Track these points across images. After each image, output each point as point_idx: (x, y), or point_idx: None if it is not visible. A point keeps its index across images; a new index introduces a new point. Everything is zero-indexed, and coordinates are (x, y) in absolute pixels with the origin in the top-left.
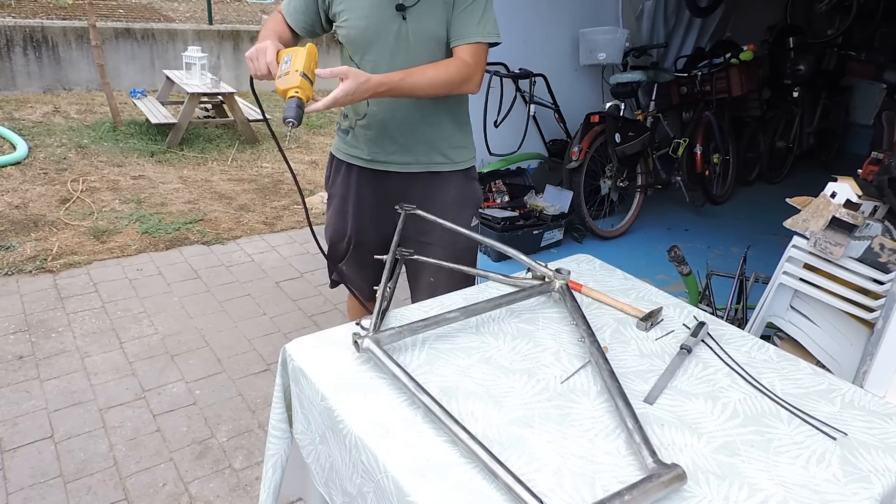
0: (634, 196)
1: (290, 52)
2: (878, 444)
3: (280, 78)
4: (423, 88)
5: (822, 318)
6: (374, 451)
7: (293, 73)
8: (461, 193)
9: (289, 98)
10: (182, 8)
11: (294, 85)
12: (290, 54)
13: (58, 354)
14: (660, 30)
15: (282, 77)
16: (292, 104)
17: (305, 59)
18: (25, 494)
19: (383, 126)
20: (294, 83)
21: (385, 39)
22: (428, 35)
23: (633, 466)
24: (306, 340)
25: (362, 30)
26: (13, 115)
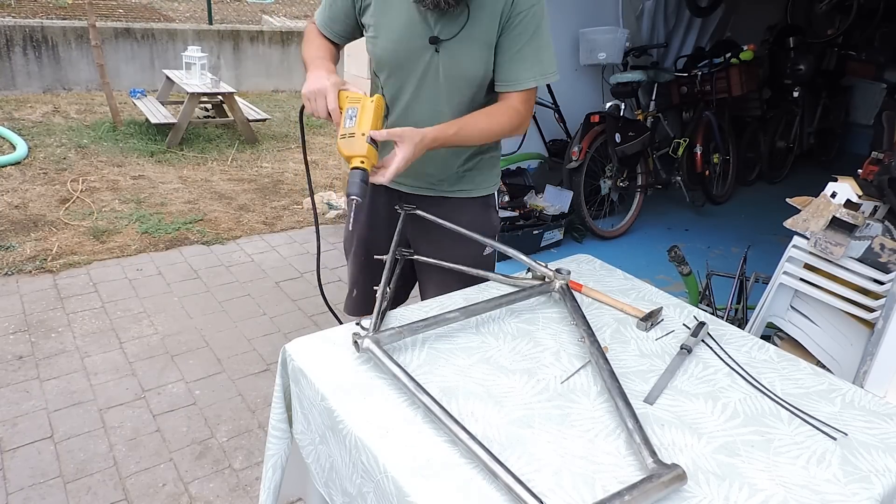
0: (634, 196)
1: (356, 103)
2: (879, 444)
3: (344, 139)
4: (474, 140)
5: (823, 319)
6: (374, 452)
7: (359, 138)
8: (475, 220)
9: (353, 169)
10: (182, 8)
11: (360, 154)
12: (355, 106)
13: (57, 354)
14: (660, 29)
15: (346, 139)
16: (357, 178)
17: (373, 118)
18: (25, 494)
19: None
20: (360, 152)
21: (413, 68)
22: (460, 73)
23: (633, 467)
24: (306, 340)
25: (390, 52)
26: (13, 114)
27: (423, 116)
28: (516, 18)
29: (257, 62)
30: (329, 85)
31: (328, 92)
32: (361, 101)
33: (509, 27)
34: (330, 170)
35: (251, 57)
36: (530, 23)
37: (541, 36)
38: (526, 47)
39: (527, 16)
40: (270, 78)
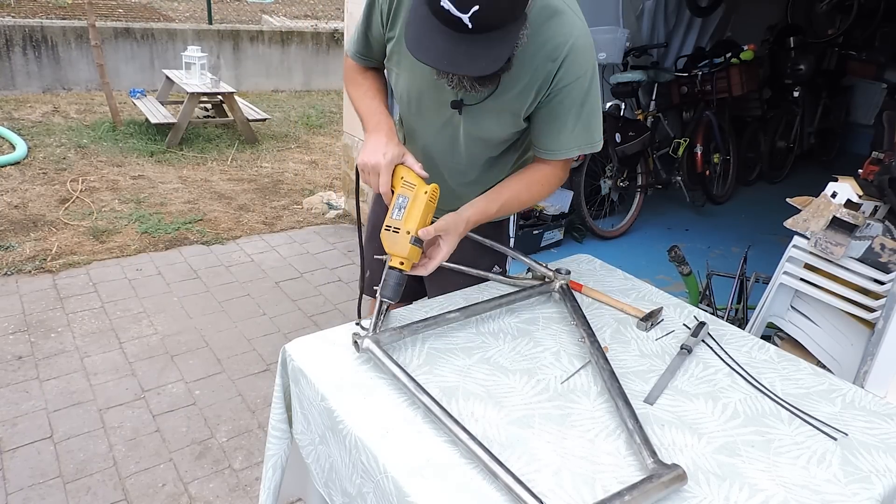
0: (635, 196)
1: (409, 191)
2: (879, 444)
3: (388, 232)
4: (514, 212)
5: (823, 319)
6: (374, 452)
7: (403, 236)
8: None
9: (389, 268)
10: (181, 7)
11: (401, 255)
12: (407, 195)
13: (57, 355)
14: (660, 29)
15: (390, 232)
16: (392, 280)
17: (422, 215)
18: (25, 495)
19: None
20: (402, 252)
21: (432, 119)
22: (481, 135)
23: (633, 467)
24: (306, 340)
25: (411, 98)
26: (12, 114)
27: (442, 160)
28: (561, 92)
29: (257, 62)
30: (384, 165)
31: (382, 172)
32: (415, 189)
33: (550, 99)
34: (330, 170)
35: (251, 57)
36: (577, 94)
37: (588, 105)
38: (571, 118)
39: (574, 88)
40: (270, 78)
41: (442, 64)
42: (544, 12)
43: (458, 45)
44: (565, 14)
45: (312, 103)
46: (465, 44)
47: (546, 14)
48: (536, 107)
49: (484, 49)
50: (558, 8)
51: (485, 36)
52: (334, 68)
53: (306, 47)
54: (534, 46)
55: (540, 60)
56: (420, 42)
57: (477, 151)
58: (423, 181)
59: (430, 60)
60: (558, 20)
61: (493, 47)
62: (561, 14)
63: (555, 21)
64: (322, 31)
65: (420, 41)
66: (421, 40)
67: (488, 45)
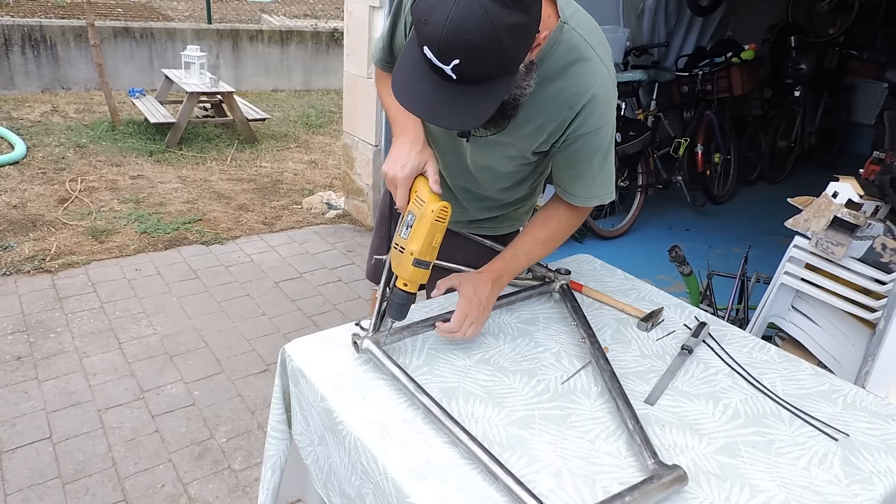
0: (635, 196)
1: (418, 208)
2: (880, 445)
3: (395, 250)
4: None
5: (824, 319)
6: (374, 453)
7: (407, 257)
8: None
9: (395, 290)
10: (181, 7)
11: (404, 276)
12: (416, 212)
13: (56, 355)
14: (660, 29)
15: (396, 251)
16: (397, 300)
17: (426, 236)
18: (24, 496)
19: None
20: (404, 274)
21: (442, 140)
22: (487, 164)
23: (633, 468)
24: (305, 341)
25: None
26: (11, 114)
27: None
28: (579, 140)
29: (256, 62)
30: (401, 179)
31: (399, 185)
32: (423, 208)
33: (567, 145)
34: (329, 169)
35: (250, 56)
36: (597, 144)
37: (608, 158)
38: (594, 168)
39: (594, 138)
40: (270, 77)
41: (422, 112)
42: (570, 55)
43: (442, 94)
44: (591, 62)
45: (312, 103)
46: (451, 94)
47: (571, 58)
48: (552, 149)
49: (468, 102)
50: (585, 54)
51: (471, 88)
52: (334, 68)
53: (306, 47)
54: (553, 88)
55: (557, 105)
56: (406, 85)
57: (487, 176)
58: (434, 197)
59: (411, 107)
60: (583, 67)
61: (478, 101)
62: (586, 61)
63: (579, 67)
64: (322, 31)
65: (406, 84)
66: (407, 83)
67: (473, 98)
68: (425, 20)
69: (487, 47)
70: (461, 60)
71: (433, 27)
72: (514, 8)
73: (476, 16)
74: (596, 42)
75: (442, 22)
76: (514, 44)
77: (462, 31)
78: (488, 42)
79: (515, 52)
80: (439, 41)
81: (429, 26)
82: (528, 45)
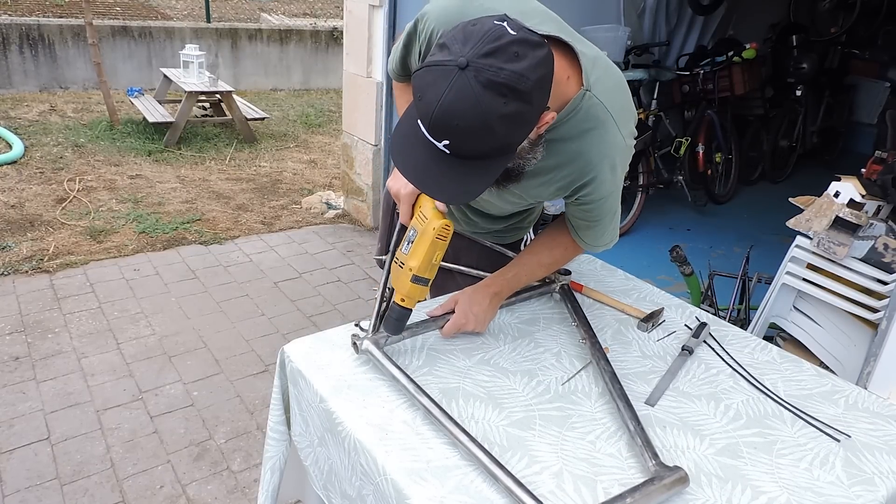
0: (636, 195)
1: (420, 224)
2: (882, 445)
3: (395, 265)
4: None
5: (826, 319)
6: (374, 454)
7: (405, 273)
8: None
9: (393, 305)
10: (180, 6)
11: (401, 292)
12: (417, 229)
13: (54, 355)
14: (661, 28)
15: (397, 266)
16: (394, 315)
17: (426, 253)
18: (21, 497)
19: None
20: (401, 290)
21: None
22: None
23: (634, 469)
24: (305, 341)
25: None
26: (9, 113)
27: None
28: (588, 203)
29: (256, 61)
30: (405, 196)
31: (402, 202)
32: (426, 225)
33: (578, 203)
34: (329, 169)
35: (249, 55)
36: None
37: (615, 217)
38: (599, 224)
39: (604, 203)
40: (269, 77)
41: (415, 181)
42: (588, 122)
43: (435, 164)
44: (608, 128)
45: (311, 102)
46: (444, 166)
47: (588, 125)
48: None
49: (461, 176)
50: (602, 120)
51: (465, 163)
52: (333, 67)
53: (305, 46)
54: (565, 152)
55: (569, 168)
56: (403, 148)
57: (491, 208)
58: (437, 215)
59: (405, 173)
60: (599, 134)
61: (471, 177)
62: (603, 127)
63: (596, 134)
64: (321, 30)
65: (403, 147)
66: (404, 147)
67: (467, 173)
68: (420, 96)
69: (478, 134)
70: (451, 142)
71: (426, 105)
72: (511, 97)
73: (467, 102)
74: (617, 107)
75: (434, 102)
76: (508, 131)
77: (451, 116)
78: (479, 129)
79: (511, 137)
80: (430, 121)
81: (422, 103)
82: (527, 131)
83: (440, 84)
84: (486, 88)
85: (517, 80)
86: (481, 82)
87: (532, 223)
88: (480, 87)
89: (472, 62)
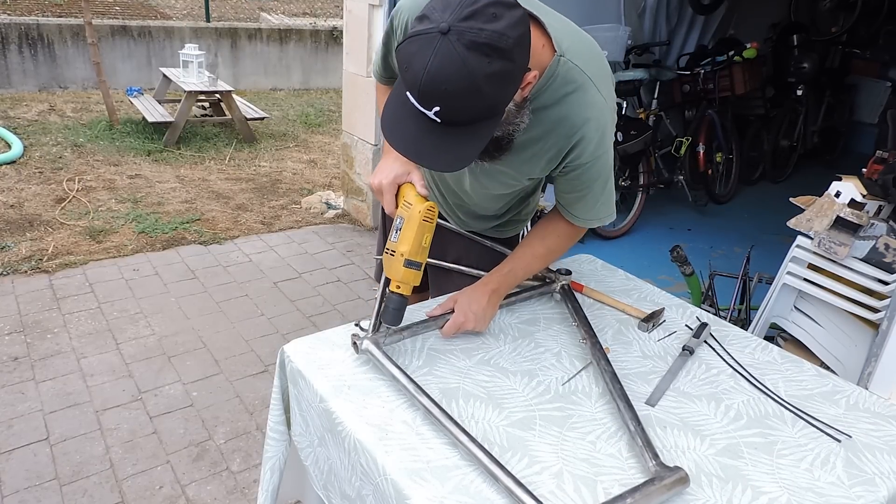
0: (636, 195)
1: (406, 211)
2: (883, 446)
3: (386, 255)
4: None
5: (827, 319)
6: (374, 454)
7: (398, 259)
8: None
9: (389, 294)
10: (179, 5)
11: (396, 279)
12: (403, 216)
13: (53, 355)
14: (662, 27)
15: (388, 255)
16: (392, 304)
17: (415, 236)
18: (20, 497)
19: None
20: (396, 276)
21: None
22: (484, 188)
23: (635, 469)
24: (305, 341)
25: None
26: (8, 113)
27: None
28: (579, 168)
29: (255, 60)
30: (386, 185)
31: (385, 193)
32: (411, 210)
33: (567, 172)
34: (329, 169)
35: (249, 55)
36: (597, 171)
37: (607, 184)
38: (591, 194)
39: (594, 166)
40: (268, 76)
41: (408, 153)
42: (566, 87)
43: (427, 135)
44: (587, 92)
45: (311, 102)
46: (435, 135)
47: (567, 89)
48: (553, 174)
49: (453, 144)
50: (580, 83)
51: (455, 129)
52: (333, 66)
53: (305, 45)
54: (548, 120)
55: (553, 135)
56: (394, 124)
57: (482, 196)
58: (421, 199)
59: (398, 146)
60: (578, 97)
61: (463, 143)
62: (582, 90)
63: (574, 97)
64: (321, 29)
65: (394, 123)
66: (394, 122)
67: (458, 140)
68: (406, 67)
69: (467, 96)
70: (441, 108)
71: (413, 75)
72: (495, 56)
73: (454, 66)
74: (593, 70)
75: (421, 71)
76: (495, 90)
77: (440, 81)
78: (467, 91)
79: (498, 97)
80: (419, 89)
81: (409, 73)
82: (513, 90)
83: (425, 51)
84: (469, 50)
85: (498, 39)
86: (464, 44)
87: (530, 215)
88: (464, 49)
89: (453, 27)
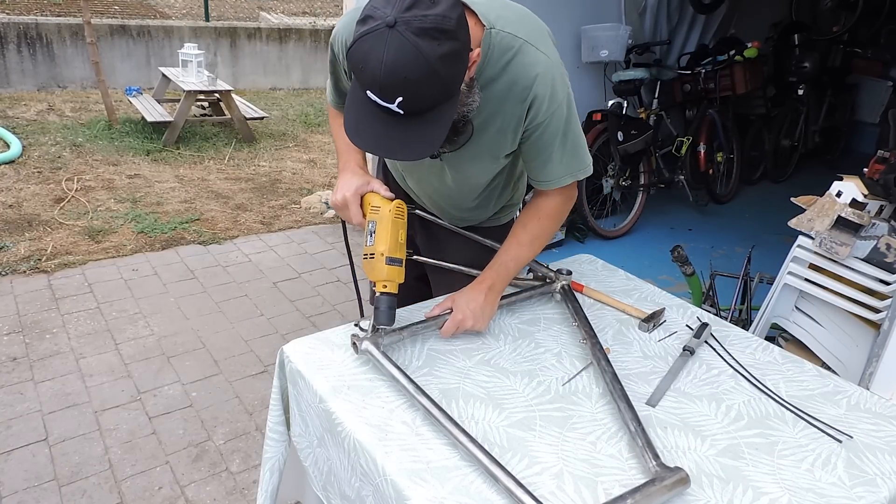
0: (637, 195)
1: (376, 214)
2: (885, 446)
3: (366, 259)
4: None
5: (828, 319)
6: (373, 455)
7: (378, 259)
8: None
9: (378, 297)
10: (178, 4)
11: (381, 278)
12: (374, 219)
13: (52, 356)
14: (663, 26)
15: (367, 259)
16: (384, 305)
17: (390, 234)
18: (19, 498)
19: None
20: (381, 276)
21: (425, 170)
22: (465, 178)
23: (635, 470)
24: (304, 342)
25: None
26: (7, 112)
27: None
28: (539, 128)
29: (255, 60)
30: (350, 197)
31: (350, 204)
32: (380, 211)
33: (530, 135)
34: (328, 168)
35: (248, 54)
36: (556, 126)
37: (569, 135)
38: (557, 150)
39: (551, 122)
40: (268, 76)
41: (378, 150)
42: (504, 55)
43: (392, 129)
44: (525, 51)
45: (311, 101)
46: (401, 128)
47: (507, 57)
48: (521, 145)
49: (419, 132)
50: (517, 47)
51: (419, 119)
52: None
53: (304, 45)
54: (498, 91)
55: (510, 103)
56: (357, 127)
57: (467, 186)
58: (387, 201)
59: (366, 146)
60: (520, 59)
61: (429, 129)
62: (520, 52)
63: (516, 61)
64: (320, 29)
65: (357, 126)
66: (358, 125)
67: (423, 127)
68: (362, 66)
69: (426, 80)
70: (404, 97)
71: (371, 71)
72: (443, 38)
73: (409, 54)
74: (526, 31)
75: (378, 66)
76: (450, 70)
77: (399, 71)
78: (425, 76)
79: (453, 77)
80: (379, 84)
81: (366, 72)
82: (464, 68)
83: (378, 47)
84: (418, 36)
85: (442, 21)
86: (413, 32)
87: (521, 197)
88: (413, 36)
89: (398, 18)
